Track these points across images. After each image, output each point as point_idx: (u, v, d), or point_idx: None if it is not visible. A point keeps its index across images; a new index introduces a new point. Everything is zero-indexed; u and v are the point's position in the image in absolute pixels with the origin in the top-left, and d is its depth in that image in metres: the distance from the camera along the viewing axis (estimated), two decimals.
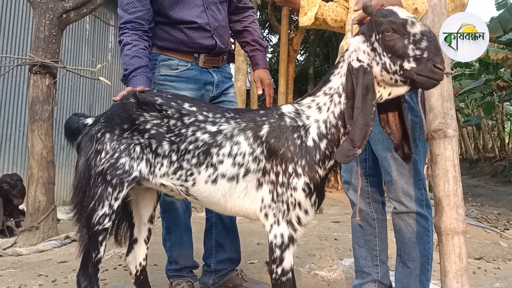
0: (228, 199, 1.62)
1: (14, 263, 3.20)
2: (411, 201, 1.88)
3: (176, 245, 2.34)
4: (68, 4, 3.72)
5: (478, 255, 3.73)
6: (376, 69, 1.42)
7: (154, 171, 1.70)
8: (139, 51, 2.03)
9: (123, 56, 2.03)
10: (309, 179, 1.50)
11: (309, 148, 1.51)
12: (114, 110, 1.75)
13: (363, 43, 1.44)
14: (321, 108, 1.54)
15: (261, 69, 2.44)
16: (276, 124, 1.57)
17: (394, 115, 1.55)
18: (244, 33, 2.49)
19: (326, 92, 1.55)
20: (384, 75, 1.41)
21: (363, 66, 1.42)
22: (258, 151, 1.56)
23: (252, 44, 2.48)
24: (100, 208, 1.66)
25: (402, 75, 1.37)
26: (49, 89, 3.72)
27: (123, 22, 2.08)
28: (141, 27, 2.08)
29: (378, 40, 1.41)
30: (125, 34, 2.06)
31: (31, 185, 3.66)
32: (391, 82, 1.42)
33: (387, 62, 1.39)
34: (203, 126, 1.65)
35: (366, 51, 1.43)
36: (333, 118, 1.51)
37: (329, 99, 1.53)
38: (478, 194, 12.97)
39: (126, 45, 2.03)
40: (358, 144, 1.37)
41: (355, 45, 1.46)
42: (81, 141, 1.78)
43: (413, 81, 1.37)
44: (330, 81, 1.56)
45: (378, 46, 1.41)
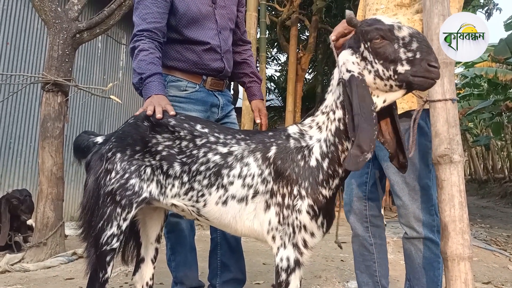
0: (238, 221, 1.62)
1: (21, 279, 3.22)
2: (423, 226, 1.87)
3: (181, 265, 2.35)
4: (82, 24, 3.81)
5: (486, 279, 3.68)
6: (369, 77, 1.41)
7: (165, 192, 1.71)
8: (155, 58, 2.04)
9: (139, 61, 2.01)
10: (313, 201, 1.50)
11: (312, 168, 1.52)
12: (127, 130, 1.76)
13: (351, 55, 1.44)
14: (321, 127, 1.55)
15: (258, 99, 2.56)
16: (283, 145, 1.58)
17: (386, 123, 1.54)
18: (243, 65, 2.59)
19: (323, 111, 1.56)
20: (378, 83, 1.41)
21: (354, 75, 1.40)
22: (266, 173, 1.57)
23: (251, 76, 2.59)
24: (109, 228, 1.67)
25: (397, 79, 1.37)
26: (60, 107, 3.79)
27: (140, 30, 2.08)
28: (157, 38, 2.10)
29: (367, 48, 1.40)
30: (142, 41, 2.06)
31: (40, 201, 3.70)
32: (386, 89, 1.41)
33: (379, 69, 1.39)
34: (215, 147, 1.66)
35: (356, 62, 1.43)
36: (331, 136, 1.51)
37: (326, 117, 1.55)
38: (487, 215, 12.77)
39: (142, 51, 2.03)
40: (366, 149, 1.34)
41: (343, 59, 1.45)
42: (91, 159, 1.80)
43: (409, 83, 1.36)
44: (325, 100, 1.57)
45: (368, 54, 1.41)
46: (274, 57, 16.49)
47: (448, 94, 1.64)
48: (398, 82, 1.37)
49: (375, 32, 1.38)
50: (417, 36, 1.36)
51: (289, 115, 10.20)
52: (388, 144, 1.52)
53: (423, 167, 1.87)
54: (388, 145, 1.52)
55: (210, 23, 2.30)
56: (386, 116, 1.52)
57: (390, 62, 1.37)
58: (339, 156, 1.50)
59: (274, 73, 18.14)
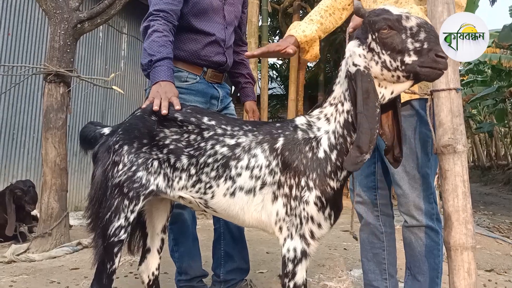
0: (246, 212, 1.63)
1: (27, 269, 3.25)
2: (422, 214, 1.88)
3: (184, 256, 2.37)
4: (83, 14, 3.80)
5: (489, 266, 3.70)
6: (376, 68, 1.41)
7: (172, 184, 1.71)
8: (168, 42, 2.00)
9: (150, 42, 1.97)
10: (320, 192, 1.50)
11: (320, 160, 1.51)
12: (134, 123, 1.76)
13: (358, 46, 1.43)
14: (329, 119, 1.55)
15: (252, 101, 2.64)
16: (291, 136, 1.58)
17: (387, 116, 1.53)
18: (240, 65, 2.63)
19: (331, 102, 1.56)
20: (385, 74, 1.40)
21: (360, 69, 1.40)
22: (273, 164, 1.57)
23: (246, 77, 2.65)
24: (116, 220, 1.68)
25: (404, 70, 1.36)
26: (63, 98, 3.79)
27: (157, 10, 2.04)
28: (173, 21, 2.08)
29: (374, 39, 1.39)
30: (157, 21, 2.02)
31: (45, 192, 3.72)
32: (393, 80, 1.40)
33: (387, 60, 1.38)
34: (222, 139, 1.66)
35: (362, 54, 1.42)
36: (339, 128, 1.51)
37: (334, 109, 1.54)
38: (490, 202, 12.80)
39: (155, 32, 1.99)
40: (365, 150, 1.35)
41: (350, 50, 1.45)
42: (98, 151, 1.79)
43: (417, 74, 1.35)
44: (333, 91, 1.56)
45: (375, 45, 1.40)
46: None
47: (452, 83, 1.63)
48: (405, 73, 1.36)
49: (382, 22, 1.37)
50: (425, 26, 1.35)
51: (291, 103, 10.17)
52: (386, 137, 1.52)
53: (423, 156, 1.88)
54: (386, 138, 1.52)
55: (218, 17, 2.33)
56: (389, 108, 1.51)
57: (397, 52, 1.36)
58: (348, 148, 1.49)
59: (276, 61, 18.09)
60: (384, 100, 1.45)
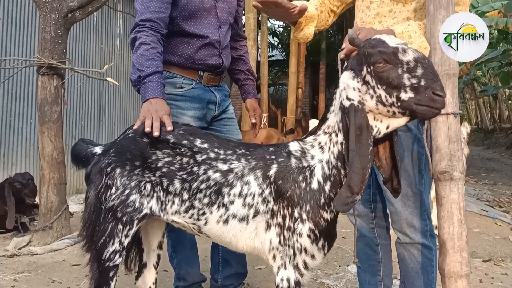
0: (239, 239, 1.62)
1: (29, 265, 3.30)
2: (415, 232, 1.87)
3: (183, 263, 2.39)
4: (73, 3, 3.67)
5: (487, 255, 3.74)
6: (371, 103, 1.35)
7: (165, 208, 1.70)
8: (156, 54, 1.95)
9: (138, 56, 1.92)
10: (314, 225, 1.48)
11: (313, 191, 1.49)
12: (126, 145, 1.72)
13: (352, 79, 1.38)
14: (323, 148, 1.51)
15: (252, 98, 2.54)
16: (284, 164, 1.54)
17: (384, 148, 1.50)
18: (239, 61, 2.54)
19: (326, 131, 1.52)
20: (380, 108, 1.35)
21: (354, 104, 1.35)
22: (266, 192, 1.55)
23: (246, 73, 2.55)
24: (111, 245, 1.67)
25: (400, 106, 1.30)
26: (57, 90, 3.73)
27: (144, 20, 1.98)
28: (160, 30, 2.02)
29: (370, 72, 1.34)
30: (144, 32, 1.97)
31: (43, 186, 3.73)
32: (389, 115, 1.35)
33: (382, 95, 1.32)
34: (215, 164, 1.63)
35: (356, 87, 1.37)
36: (333, 159, 1.47)
37: (328, 138, 1.50)
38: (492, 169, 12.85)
39: (143, 44, 1.94)
40: (356, 190, 1.32)
41: (344, 83, 1.39)
42: (91, 172, 1.77)
43: (413, 111, 1.30)
44: (327, 119, 1.52)
45: (370, 78, 1.34)
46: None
47: (451, 107, 1.58)
48: (401, 110, 1.31)
49: (378, 55, 1.31)
50: (422, 62, 1.29)
51: (292, 76, 10.03)
52: (383, 169, 1.49)
53: (416, 174, 1.85)
54: (383, 170, 1.49)
55: (211, 17, 2.22)
56: (385, 140, 1.47)
57: (393, 88, 1.30)
58: (341, 180, 1.46)
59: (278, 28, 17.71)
60: (380, 134, 1.41)
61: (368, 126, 1.35)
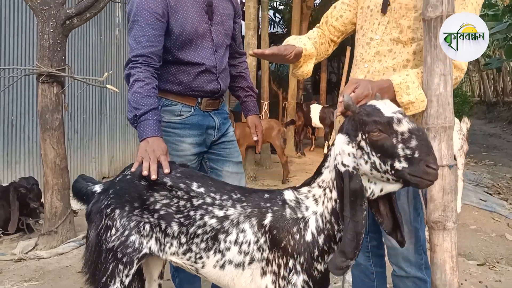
0: (236, 284, 1.67)
1: (36, 271, 3.40)
2: (411, 266, 1.92)
3: (184, 282, 2.46)
4: (71, 10, 3.63)
5: (482, 256, 3.81)
6: (366, 167, 1.38)
7: (164, 249, 1.75)
8: (151, 90, 1.98)
9: (133, 94, 1.96)
10: (307, 276, 1.53)
11: (307, 243, 1.53)
12: (124, 187, 1.77)
13: (347, 144, 1.40)
14: (317, 201, 1.55)
15: (254, 115, 2.54)
16: (279, 213, 1.58)
17: (384, 204, 1.53)
18: (239, 78, 2.53)
19: (320, 184, 1.55)
20: (374, 174, 1.38)
21: (349, 170, 1.38)
22: (262, 241, 1.59)
23: (247, 90, 2.54)
24: (112, 284, 1.73)
25: (394, 174, 1.33)
26: (57, 98, 3.74)
27: (136, 55, 2.00)
28: (154, 64, 2.03)
29: (365, 139, 1.36)
30: (137, 69, 1.99)
31: (47, 192, 3.79)
32: (383, 180, 1.38)
33: (376, 162, 1.35)
34: (211, 209, 1.67)
35: (351, 153, 1.39)
36: (327, 214, 1.51)
37: (322, 192, 1.53)
38: (493, 146, 12.85)
39: (137, 81, 1.96)
40: (350, 256, 1.36)
41: (340, 148, 1.42)
42: (91, 211, 1.82)
43: (407, 181, 1.32)
44: (322, 174, 1.54)
45: (365, 145, 1.36)
46: None
47: (445, 160, 1.61)
48: (395, 177, 1.34)
49: (373, 125, 1.32)
50: (416, 133, 1.31)
51: None
52: (385, 225, 1.52)
53: (411, 211, 1.89)
54: (386, 225, 1.52)
55: (206, 41, 2.21)
56: (385, 198, 1.50)
57: (387, 156, 1.32)
58: (335, 234, 1.50)
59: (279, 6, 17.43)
60: (374, 196, 1.44)
61: (362, 192, 1.38)
